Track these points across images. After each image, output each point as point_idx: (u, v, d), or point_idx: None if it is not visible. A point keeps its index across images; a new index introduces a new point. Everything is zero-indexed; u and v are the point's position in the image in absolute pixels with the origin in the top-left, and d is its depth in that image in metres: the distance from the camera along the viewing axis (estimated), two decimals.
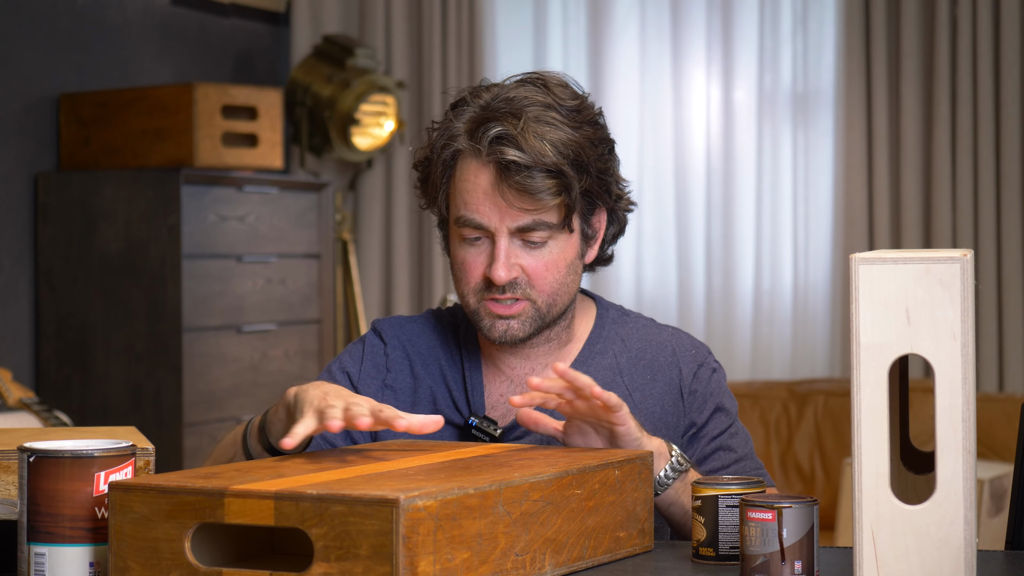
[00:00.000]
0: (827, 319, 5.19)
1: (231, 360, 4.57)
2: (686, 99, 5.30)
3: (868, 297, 1.50)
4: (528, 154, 1.98)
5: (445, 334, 2.18)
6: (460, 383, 2.14)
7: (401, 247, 5.47)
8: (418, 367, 2.16)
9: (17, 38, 4.52)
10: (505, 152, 1.99)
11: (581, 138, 2.03)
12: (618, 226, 2.15)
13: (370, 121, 5.22)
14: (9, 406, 3.92)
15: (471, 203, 2.03)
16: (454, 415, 2.12)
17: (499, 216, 2.02)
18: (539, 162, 1.99)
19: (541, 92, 2.04)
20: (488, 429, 2.08)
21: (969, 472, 1.49)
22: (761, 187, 5.24)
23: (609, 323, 2.18)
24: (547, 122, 2.01)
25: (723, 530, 1.74)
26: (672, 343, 2.16)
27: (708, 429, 2.12)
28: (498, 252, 2.02)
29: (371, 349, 2.18)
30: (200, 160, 4.43)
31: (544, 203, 2.01)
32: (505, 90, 2.05)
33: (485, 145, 2.00)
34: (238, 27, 5.33)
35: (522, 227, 2.02)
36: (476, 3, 5.39)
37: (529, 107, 2.02)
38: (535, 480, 1.61)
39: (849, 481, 4.38)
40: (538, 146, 1.99)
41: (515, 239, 2.03)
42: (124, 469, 1.61)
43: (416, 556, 1.44)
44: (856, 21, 5.07)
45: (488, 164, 2.01)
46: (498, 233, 2.02)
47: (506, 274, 2.02)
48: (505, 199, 2.01)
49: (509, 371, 2.14)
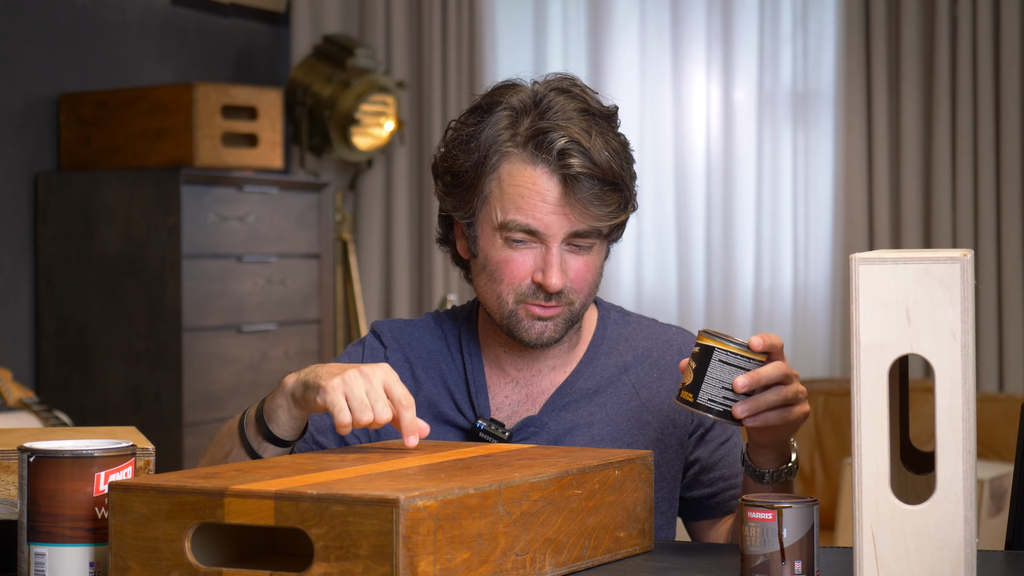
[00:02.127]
0: (827, 319, 5.19)
1: (231, 360, 4.57)
2: (686, 99, 5.30)
3: (868, 297, 1.50)
4: (597, 165, 1.99)
5: (446, 337, 2.18)
6: (463, 386, 2.13)
7: (401, 247, 5.47)
8: (419, 370, 2.15)
9: (17, 38, 4.52)
10: (572, 164, 1.98)
11: (619, 146, 2.04)
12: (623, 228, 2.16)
13: (370, 121, 5.23)
14: (9, 406, 3.92)
15: (526, 209, 2.01)
16: (458, 418, 2.11)
17: (558, 224, 2.01)
18: (605, 174, 1.99)
19: (582, 101, 2.04)
20: (496, 432, 2.07)
21: (969, 472, 1.49)
22: (761, 187, 5.24)
23: (611, 324, 2.18)
24: (599, 132, 2.01)
25: (708, 381, 1.78)
26: (678, 341, 2.16)
27: (715, 433, 2.12)
28: (552, 259, 2.02)
29: (370, 352, 2.17)
30: (200, 160, 4.43)
31: (605, 220, 2.01)
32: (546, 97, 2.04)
33: (553, 155, 1.99)
34: (238, 27, 5.33)
35: (578, 232, 2.03)
36: (476, 3, 5.39)
37: (581, 115, 2.02)
38: (535, 480, 1.61)
39: (849, 481, 4.38)
40: (603, 156, 1.99)
41: (564, 244, 2.03)
42: (124, 469, 1.61)
43: (416, 556, 1.44)
44: (856, 21, 5.07)
45: (553, 174, 2.00)
46: (553, 239, 2.02)
47: (560, 281, 2.02)
48: (570, 210, 2.00)
49: (515, 373, 2.14)
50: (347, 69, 5.20)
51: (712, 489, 2.13)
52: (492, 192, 2.03)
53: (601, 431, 2.09)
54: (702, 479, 2.13)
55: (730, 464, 2.13)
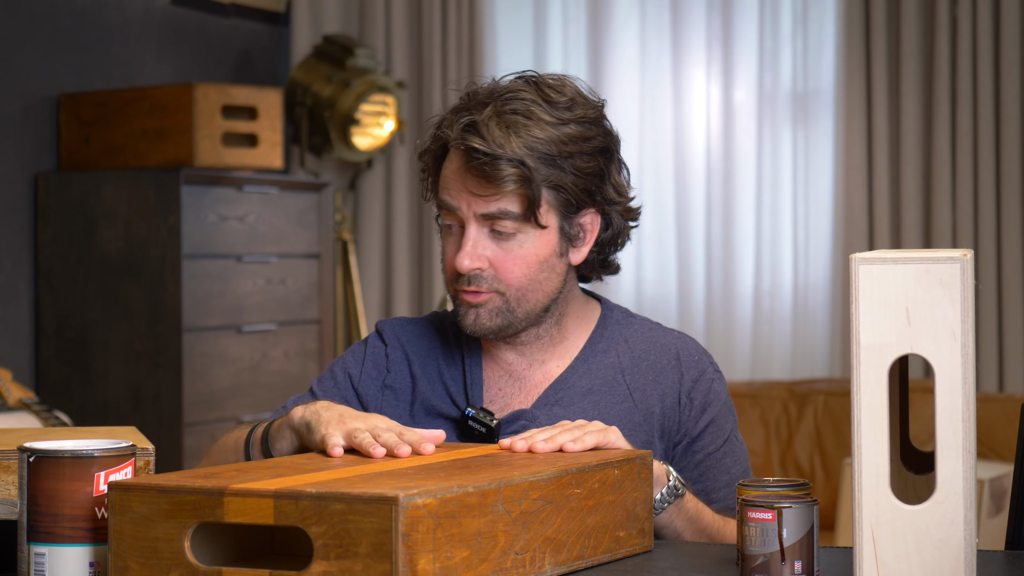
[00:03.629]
0: (827, 319, 5.19)
1: (231, 360, 4.57)
2: (686, 99, 5.30)
3: (868, 297, 1.50)
4: (489, 142, 2.01)
5: (446, 333, 2.20)
6: (459, 379, 2.15)
7: (401, 247, 5.47)
8: (416, 367, 2.17)
9: (17, 38, 4.52)
10: (469, 139, 2.02)
11: (560, 135, 2.04)
12: (615, 231, 2.14)
13: (370, 121, 5.22)
14: (9, 406, 3.92)
15: (444, 186, 2.08)
16: (452, 410, 2.13)
17: (465, 202, 2.05)
18: (498, 151, 2.01)
19: (530, 88, 2.07)
20: (484, 420, 2.09)
21: (969, 472, 1.49)
22: (761, 187, 5.24)
23: (612, 324, 2.18)
24: (524, 115, 2.03)
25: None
26: (676, 347, 2.16)
27: (702, 443, 2.12)
28: (465, 240, 2.06)
29: (372, 350, 2.20)
30: (200, 160, 4.42)
31: (502, 189, 2.02)
32: (498, 84, 2.09)
33: (457, 132, 2.04)
34: (238, 27, 5.33)
35: (487, 214, 2.04)
36: (476, 3, 5.39)
37: (508, 99, 2.05)
38: (535, 479, 1.61)
39: (849, 481, 4.38)
40: (500, 136, 2.02)
41: (483, 227, 2.06)
42: (124, 469, 1.61)
43: (415, 554, 1.44)
44: (856, 21, 5.07)
45: (459, 150, 2.05)
46: (467, 220, 2.06)
47: (469, 263, 2.05)
48: (468, 185, 2.04)
49: (507, 366, 2.15)
50: (347, 69, 5.20)
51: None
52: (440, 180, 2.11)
53: None
54: None
55: (713, 477, 2.12)
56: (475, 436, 2.09)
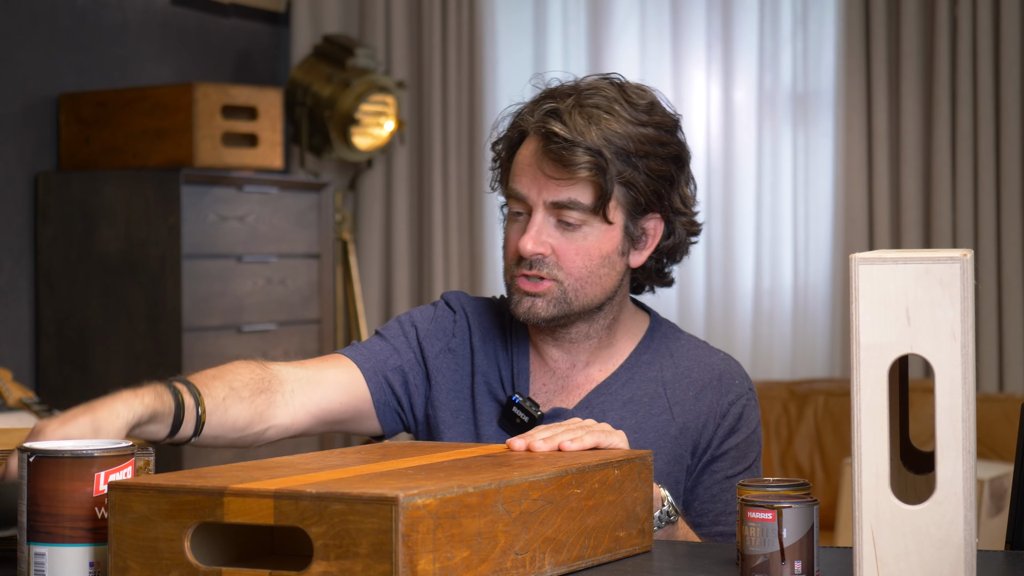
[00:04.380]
0: (827, 319, 5.19)
1: (231, 360, 4.56)
2: (686, 99, 5.30)
3: (868, 297, 1.50)
4: (570, 128, 2.03)
5: (504, 318, 2.22)
6: (508, 365, 2.18)
7: (401, 247, 5.47)
8: (477, 340, 2.20)
9: (17, 38, 4.52)
10: (550, 124, 2.04)
11: (638, 134, 2.07)
12: (675, 242, 2.16)
13: (370, 121, 5.22)
14: (9, 406, 3.92)
15: (516, 173, 2.09)
16: (500, 393, 2.16)
17: (536, 188, 2.06)
18: (578, 139, 2.03)
19: (613, 88, 2.10)
20: (530, 409, 2.11)
21: (969, 472, 1.49)
22: (761, 187, 5.24)
23: (660, 337, 2.19)
24: (605, 110, 2.06)
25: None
26: (720, 368, 2.17)
27: (722, 465, 2.12)
28: (531, 225, 2.07)
29: (441, 314, 2.23)
30: (200, 160, 4.43)
31: (576, 176, 2.04)
32: (581, 81, 2.12)
33: (538, 117, 2.06)
34: (238, 27, 5.33)
35: (557, 202, 2.06)
36: (476, 3, 5.39)
37: (591, 94, 2.07)
38: (535, 479, 1.61)
39: (849, 481, 4.38)
40: (581, 124, 2.04)
41: (551, 216, 2.07)
42: (124, 469, 1.61)
43: (415, 554, 1.44)
44: (856, 21, 5.07)
45: (536, 136, 2.07)
46: (535, 207, 2.07)
47: (533, 246, 2.06)
48: (542, 170, 2.06)
49: (552, 363, 2.17)
50: (347, 69, 5.20)
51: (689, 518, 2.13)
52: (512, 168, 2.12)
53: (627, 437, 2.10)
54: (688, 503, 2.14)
55: (726, 501, 2.12)
56: (516, 424, 2.11)
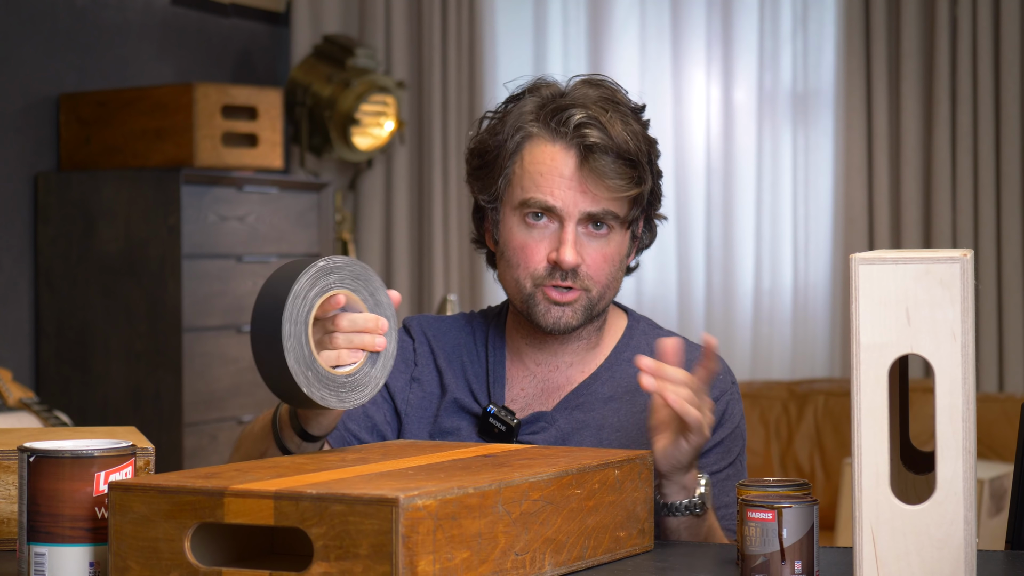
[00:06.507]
0: (827, 319, 5.19)
1: (231, 360, 4.57)
2: (686, 99, 5.30)
3: (868, 297, 1.50)
4: (613, 139, 2.02)
5: (473, 332, 2.20)
6: (483, 376, 2.16)
7: (401, 247, 5.47)
8: (441, 361, 2.18)
9: (17, 38, 4.52)
10: (589, 135, 2.02)
11: (648, 138, 2.09)
12: (650, 235, 2.18)
13: (370, 121, 5.22)
14: (9, 406, 3.92)
15: (544, 186, 2.05)
16: (474, 406, 2.14)
17: (573, 200, 2.04)
18: (621, 149, 2.02)
19: (608, 91, 2.09)
20: (505, 418, 2.09)
21: (969, 472, 1.49)
22: (761, 187, 5.24)
23: (639, 334, 2.19)
24: (622, 114, 2.05)
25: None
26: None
27: (707, 461, 2.11)
28: (567, 236, 2.04)
29: (400, 345, 2.20)
30: (200, 160, 4.42)
31: (619, 192, 2.04)
32: (572, 87, 2.10)
33: (570, 129, 2.03)
34: (238, 27, 5.33)
35: (592, 214, 2.05)
36: (476, 3, 5.39)
37: (602, 101, 2.06)
38: (535, 480, 1.61)
39: (849, 481, 4.38)
40: (621, 133, 2.03)
41: (580, 227, 2.06)
42: (124, 469, 1.61)
43: (416, 555, 1.44)
44: (856, 21, 5.07)
45: (570, 148, 2.04)
46: (568, 217, 2.05)
47: (573, 258, 2.04)
48: (583, 183, 2.04)
49: (534, 367, 2.16)
50: (347, 69, 5.20)
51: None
52: (515, 172, 2.08)
53: (610, 436, 2.09)
54: None
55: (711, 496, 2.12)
56: (495, 434, 2.10)
